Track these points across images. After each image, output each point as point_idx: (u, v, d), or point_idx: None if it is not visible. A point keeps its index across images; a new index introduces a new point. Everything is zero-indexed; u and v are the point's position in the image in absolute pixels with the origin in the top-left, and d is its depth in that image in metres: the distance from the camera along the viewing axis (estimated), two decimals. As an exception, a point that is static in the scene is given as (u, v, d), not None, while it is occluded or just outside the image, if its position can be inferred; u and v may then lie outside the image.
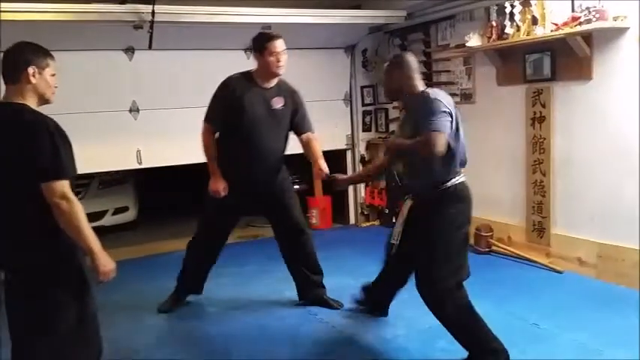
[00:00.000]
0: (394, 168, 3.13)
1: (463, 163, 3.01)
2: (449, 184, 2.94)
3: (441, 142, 2.74)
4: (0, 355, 3.22)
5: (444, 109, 2.80)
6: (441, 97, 2.87)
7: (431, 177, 2.95)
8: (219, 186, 3.65)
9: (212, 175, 3.69)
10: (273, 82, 3.70)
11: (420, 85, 3.03)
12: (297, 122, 3.81)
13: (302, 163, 6.45)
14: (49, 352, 2.29)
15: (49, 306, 2.27)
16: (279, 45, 3.57)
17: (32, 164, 2.15)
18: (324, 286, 4.01)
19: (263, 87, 3.67)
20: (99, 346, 2.45)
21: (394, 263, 3.40)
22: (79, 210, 2.20)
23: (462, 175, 3.00)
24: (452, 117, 2.83)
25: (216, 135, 3.74)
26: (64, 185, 2.17)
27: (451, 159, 2.90)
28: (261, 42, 3.60)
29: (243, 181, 3.69)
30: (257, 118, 3.63)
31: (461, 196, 2.97)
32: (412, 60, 3.06)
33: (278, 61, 3.58)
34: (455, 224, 2.95)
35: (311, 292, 3.99)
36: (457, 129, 2.90)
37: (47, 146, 2.15)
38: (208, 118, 3.70)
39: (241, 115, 3.60)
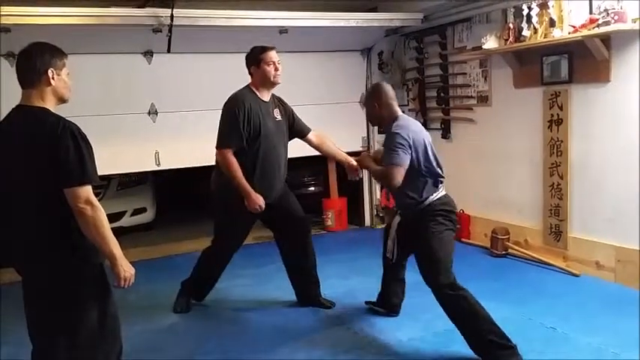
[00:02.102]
0: None
1: (439, 181, 3.25)
2: (427, 202, 3.21)
3: (397, 177, 3.04)
4: (0, 354, 3.29)
5: (402, 142, 3.07)
6: (404, 127, 3.14)
7: (408, 197, 3.22)
8: (259, 201, 3.60)
9: (246, 193, 3.57)
10: (269, 95, 3.75)
11: (397, 111, 3.29)
12: (297, 126, 3.89)
13: (317, 166, 6.53)
14: (71, 353, 2.31)
15: (71, 306, 2.29)
16: (274, 55, 3.64)
17: (57, 169, 2.16)
18: (319, 287, 4.06)
19: (263, 100, 3.72)
20: (119, 347, 2.47)
21: (392, 267, 3.67)
22: (103, 216, 2.21)
23: (440, 190, 3.25)
24: (411, 147, 3.09)
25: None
26: (88, 191, 2.18)
27: (423, 181, 3.19)
28: (255, 55, 3.65)
29: (263, 192, 3.66)
30: (270, 130, 3.69)
31: (440, 210, 3.20)
32: (389, 88, 3.34)
33: (276, 70, 3.63)
34: (438, 230, 3.17)
35: (311, 294, 4.04)
36: (426, 151, 3.18)
37: (72, 152, 2.16)
38: (225, 143, 3.60)
39: (259, 129, 3.63)
